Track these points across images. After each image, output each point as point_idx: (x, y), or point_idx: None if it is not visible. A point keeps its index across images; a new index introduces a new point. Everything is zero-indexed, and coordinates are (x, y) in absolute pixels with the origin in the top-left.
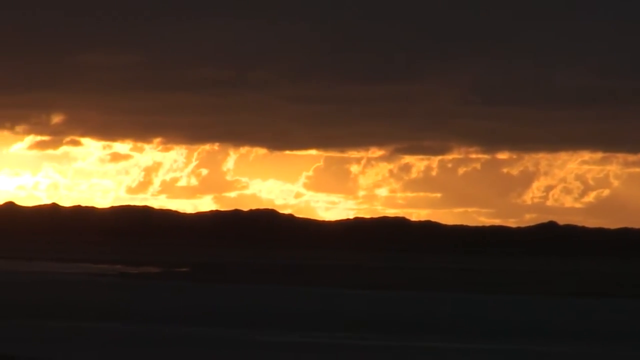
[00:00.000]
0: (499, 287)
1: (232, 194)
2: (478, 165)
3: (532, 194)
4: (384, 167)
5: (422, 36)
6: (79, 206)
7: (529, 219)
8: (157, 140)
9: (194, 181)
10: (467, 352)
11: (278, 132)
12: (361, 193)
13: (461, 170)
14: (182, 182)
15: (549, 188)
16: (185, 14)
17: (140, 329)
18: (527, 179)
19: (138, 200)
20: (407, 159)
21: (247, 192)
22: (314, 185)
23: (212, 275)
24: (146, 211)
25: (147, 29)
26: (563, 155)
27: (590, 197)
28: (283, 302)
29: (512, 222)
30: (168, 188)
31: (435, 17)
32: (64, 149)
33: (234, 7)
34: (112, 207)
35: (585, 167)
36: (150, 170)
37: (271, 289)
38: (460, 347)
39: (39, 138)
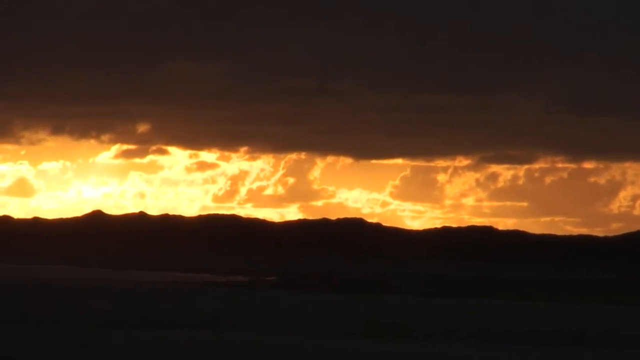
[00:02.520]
0: (595, 295)
1: (319, 203)
2: (565, 174)
3: (619, 203)
4: (471, 176)
5: (509, 44)
6: (167, 215)
7: (615, 228)
8: (244, 149)
9: (280, 190)
10: None
11: (364, 141)
12: (448, 202)
13: (548, 180)
14: (269, 191)
15: (636, 197)
16: (272, 24)
17: (227, 337)
18: (613, 188)
19: (225, 209)
20: (494, 168)
21: (334, 200)
22: (401, 194)
23: (300, 284)
24: (233, 220)
25: (234, 38)
26: None
27: None
28: (371, 311)
29: (598, 231)
30: (255, 197)
31: (521, 25)
32: (150, 157)
33: (319, 17)
34: (200, 216)
35: None
36: (236, 179)
37: (359, 297)
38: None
39: (125, 147)
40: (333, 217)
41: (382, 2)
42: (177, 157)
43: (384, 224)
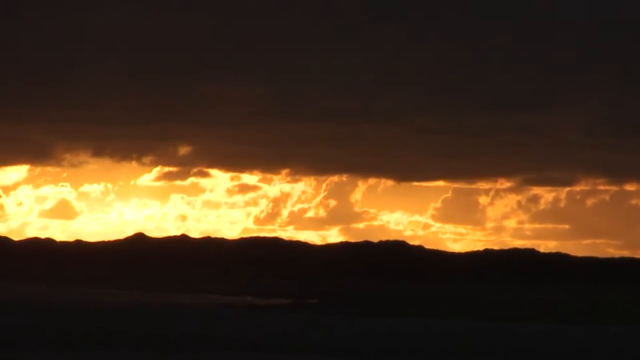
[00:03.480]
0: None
1: (360, 225)
2: (606, 197)
3: None
4: (512, 199)
5: (549, 67)
6: (209, 237)
7: None
8: (285, 171)
9: (322, 212)
10: None
11: (405, 163)
12: (489, 224)
13: (589, 202)
14: (310, 213)
15: None
16: (313, 45)
17: (271, 358)
18: None
19: (266, 231)
20: (535, 190)
21: (375, 223)
22: (442, 216)
23: (342, 307)
24: (275, 242)
25: (274, 60)
26: None
27: None
28: (416, 334)
29: None
30: (296, 219)
31: (563, 48)
32: (191, 180)
33: (361, 38)
34: (241, 238)
35: None
36: (278, 201)
37: (403, 320)
38: None
39: (166, 169)
40: (374, 240)
41: (426, 23)
42: (219, 180)
43: (426, 246)
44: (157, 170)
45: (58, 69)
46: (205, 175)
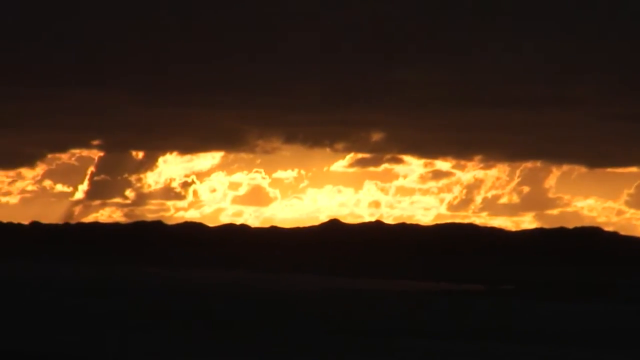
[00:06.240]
0: None
1: (554, 212)
2: None
3: None
4: None
5: None
6: (403, 223)
7: None
8: (479, 157)
9: (515, 198)
10: None
11: (598, 149)
12: None
13: None
14: (504, 200)
15: None
16: (503, 30)
17: (468, 346)
18: None
19: (460, 218)
20: None
21: (569, 209)
22: (636, 202)
23: (538, 293)
24: (470, 228)
25: (466, 46)
26: None
27: None
28: (610, 321)
29: None
30: (489, 205)
31: None
32: (385, 166)
33: (553, 21)
34: (436, 224)
35: None
36: (471, 188)
37: (598, 308)
38: None
39: (360, 155)
40: (569, 226)
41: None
42: (412, 166)
43: (620, 232)
44: (350, 157)
45: (248, 56)
46: (398, 161)
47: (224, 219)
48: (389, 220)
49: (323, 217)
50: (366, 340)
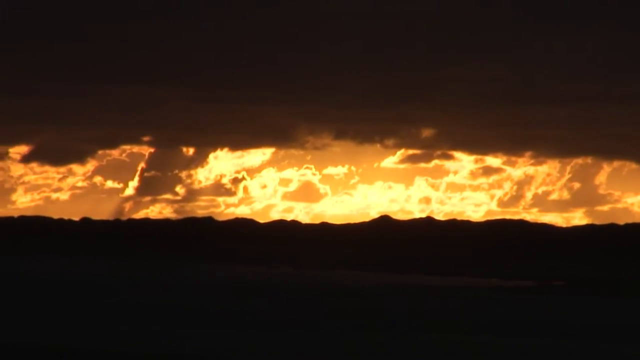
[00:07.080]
0: None
1: (605, 208)
2: None
3: None
4: None
5: None
6: (454, 219)
7: None
8: (529, 153)
9: (566, 195)
10: None
11: None
12: None
13: None
14: (554, 196)
15: None
16: (551, 28)
17: (509, 341)
18: None
19: (510, 214)
20: None
21: (619, 205)
22: None
23: (588, 289)
24: (521, 224)
25: (514, 42)
26: None
27: None
28: None
29: None
30: (540, 201)
31: None
32: (435, 162)
33: (603, 17)
34: (487, 221)
35: None
36: (522, 184)
37: None
38: None
39: (410, 152)
40: (620, 222)
41: None
42: (463, 162)
43: None
44: (400, 153)
45: (302, 54)
46: (449, 157)
47: (274, 215)
48: (439, 216)
49: (373, 214)
50: (407, 335)
